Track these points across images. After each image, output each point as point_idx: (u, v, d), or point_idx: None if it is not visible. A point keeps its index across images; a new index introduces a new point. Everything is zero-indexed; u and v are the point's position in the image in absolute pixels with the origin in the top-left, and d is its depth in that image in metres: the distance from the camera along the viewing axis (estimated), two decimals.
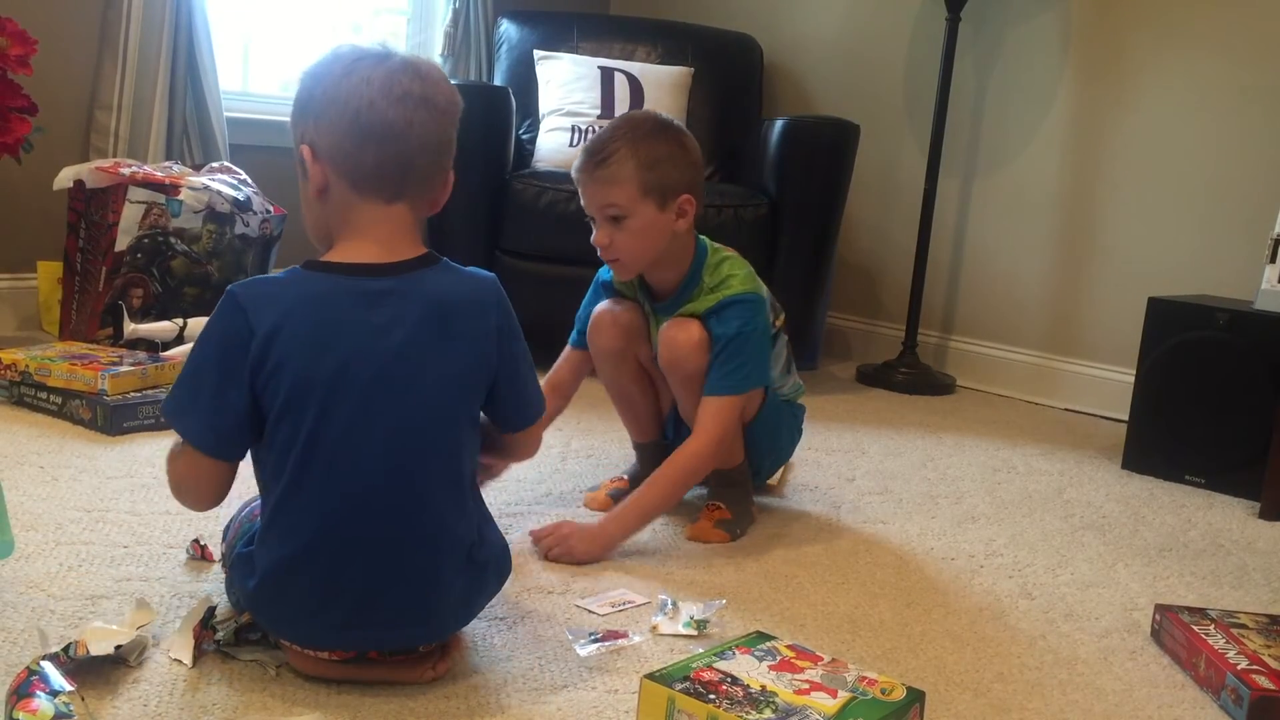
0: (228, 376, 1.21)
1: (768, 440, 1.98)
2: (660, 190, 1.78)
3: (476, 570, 1.30)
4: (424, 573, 1.24)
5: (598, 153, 1.79)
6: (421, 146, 1.25)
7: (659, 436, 2.05)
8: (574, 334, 2.00)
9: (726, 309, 1.83)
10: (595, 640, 1.43)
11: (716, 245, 1.91)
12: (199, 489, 1.29)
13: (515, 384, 1.34)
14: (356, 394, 1.20)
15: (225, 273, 2.87)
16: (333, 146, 1.24)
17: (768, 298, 1.91)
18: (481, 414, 1.34)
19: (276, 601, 1.24)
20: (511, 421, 1.38)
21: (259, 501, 1.35)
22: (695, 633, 1.48)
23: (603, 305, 1.95)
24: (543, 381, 1.56)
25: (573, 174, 1.83)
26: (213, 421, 1.22)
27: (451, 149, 1.31)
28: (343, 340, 1.21)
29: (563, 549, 1.70)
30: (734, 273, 1.87)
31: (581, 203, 1.84)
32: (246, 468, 1.29)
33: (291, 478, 1.21)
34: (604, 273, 1.97)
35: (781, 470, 2.27)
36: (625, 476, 2.06)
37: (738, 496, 1.93)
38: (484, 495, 1.39)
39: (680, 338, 1.83)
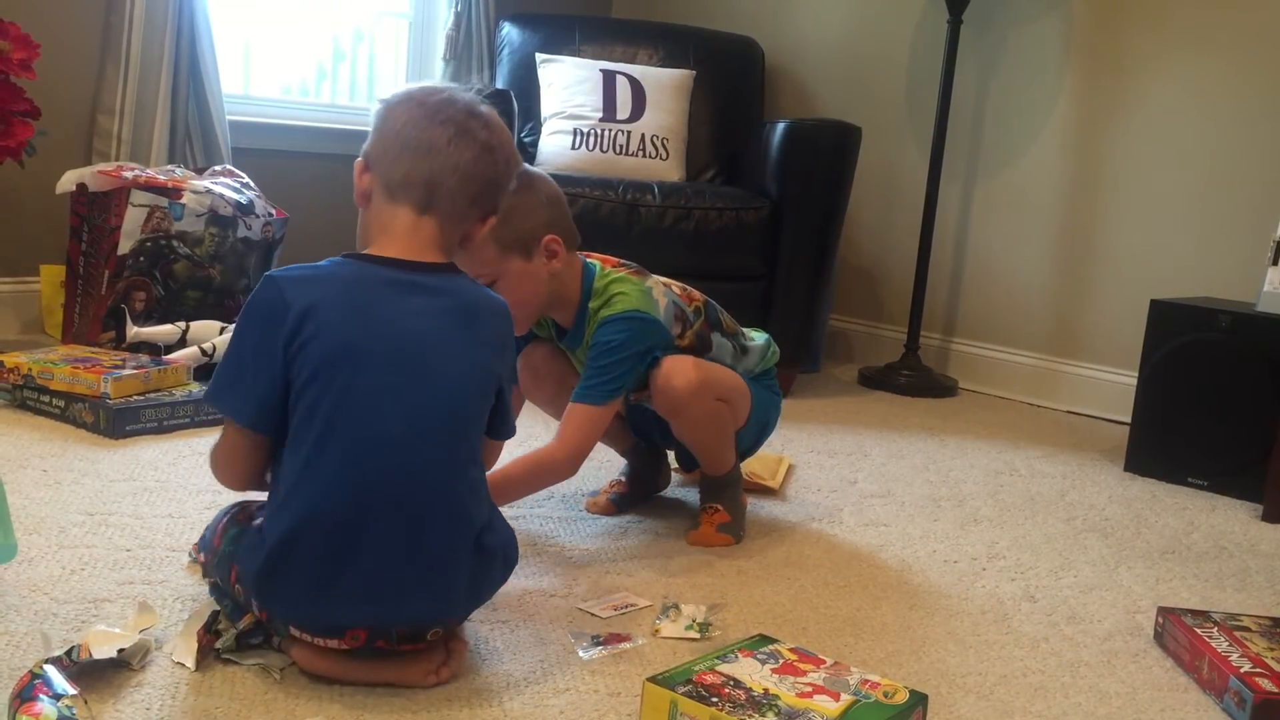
0: (264, 351, 1.26)
1: (757, 424, 1.97)
2: (519, 242, 1.72)
3: (485, 555, 1.32)
4: (436, 548, 1.26)
5: None
6: (451, 168, 1.32)
7: (635, 440, 2.06)
8: None
9: (603, 326, 1.77)
10: (598, 643, 1.43)
11: (609, 270, 1.84)
12: (234, 463, 1.34)
13: (503, 395, 1.39)
14: (382, 367, 1.25)
15: (227, 276, 2.87)
16: (379, 156, 1.36)
17: (665, 315, 1.81)
18: None
19: (285, 574, 1.24)
20: (495, 430, 1.41)
21: (239, 506, 1.40)
22: (697, 635, 1.48)
23: (524, 361, 1.92)
24: None
25: None
26: (251, 394, 1.28)
27: (490, 191, 1.37)
28: (375, 316, 1.27)
29: None
30: (619, 292, 1.79)
31: None
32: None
33: (314, 445, 1.24)
34: None
35: (784, 471, 2.27)
36: (623, 479, 2.06)
37: (732, 495, 1.93)
38: None
39: (678, 385, 1.77)
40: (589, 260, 1.84)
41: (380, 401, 1.24)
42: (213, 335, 2.64)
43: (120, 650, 1.24)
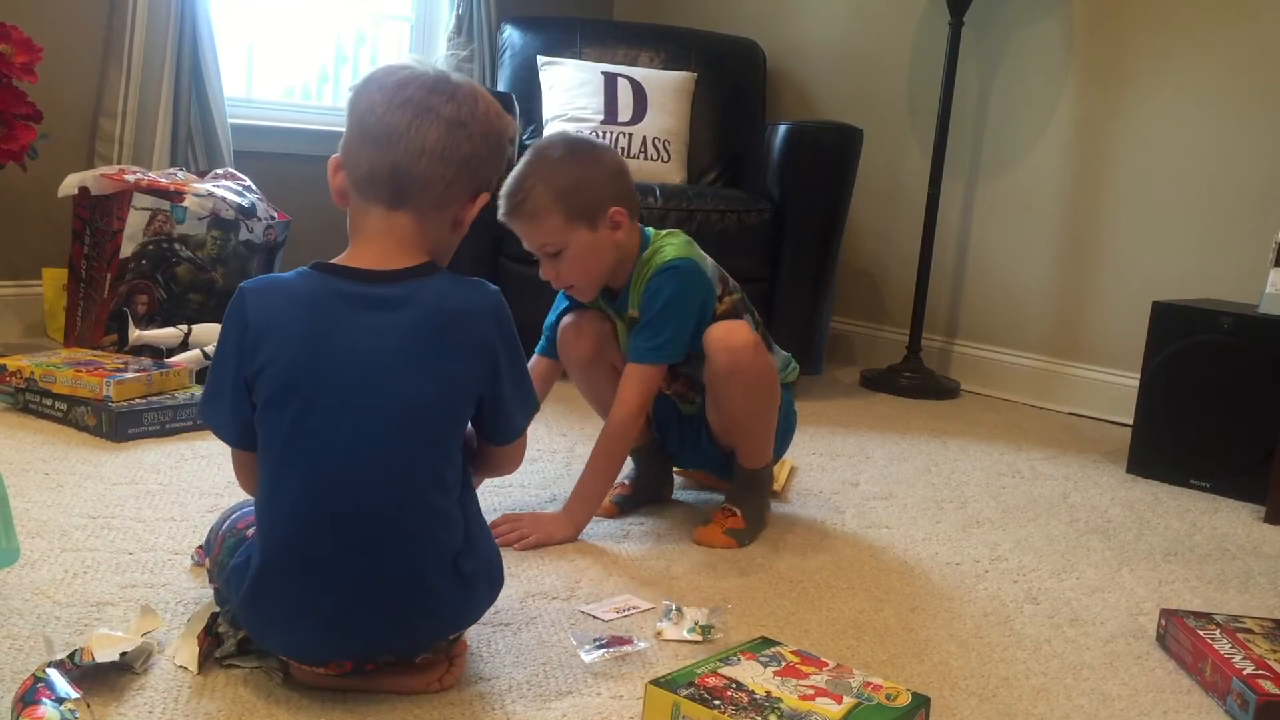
0: (234, 377, 1.23)
1: (784, 423, 1.99)
2: (585, 213, 1.76)
3: (464, 583, 1.26)
4: (396, 579, 1.21)
5: (515, 194, 1.77)
6: (418, 153, 1.23)
7: (649, 440, 2.06)
8: (542, 342, 1.99)
9: (655, 275, 1.82)
10: (600, 646, 1.43)
11: (662, 232, 1.91)
12: (244, 475, 1.32)
13: (500, 401, 1.30)
14: (339, 393, 1.20)
15: (230, 279, 2.87)
16: (345, 150, 1.28)
17: (711, 269, 1.88)
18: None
19: (264, 607, 1.23)
20: (491, 435, 1.35)
21: (239, 512, 1.37)
22: (700, 638, 1.48)
23: (568, 318, 1.95)
24: None
25: (500, 219, 1.80)
26: (233, 414, 1.24)
27: (469, 169, 1.27)
28: (332, 340, 1.21)
29: (543, 534, 1.77)
30: (669, 243, 1.86)
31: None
32: (219, 474, 1.29)
33: (271, 476, 1.22)
34: None
35: (786, 474, 2.27)
36: (627, 481, 2.05)
37: (755, 503, 1.93)
38: (490, 501, 1.39)
39: (738, 342, 1.80)
40: (646, 228, 1.91)
41: (330, 433, 1.19)
42: (215, 339, 2.63)
43: (123, 654, 1.24)
